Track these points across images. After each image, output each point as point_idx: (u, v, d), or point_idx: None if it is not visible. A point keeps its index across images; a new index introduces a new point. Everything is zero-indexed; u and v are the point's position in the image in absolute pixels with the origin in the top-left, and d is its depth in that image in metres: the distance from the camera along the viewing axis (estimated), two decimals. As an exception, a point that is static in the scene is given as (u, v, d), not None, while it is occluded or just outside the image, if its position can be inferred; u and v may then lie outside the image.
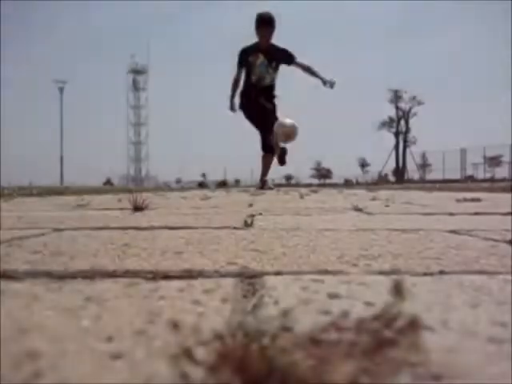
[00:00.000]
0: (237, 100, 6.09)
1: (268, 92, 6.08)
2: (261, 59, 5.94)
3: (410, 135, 38.46)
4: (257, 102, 5.87)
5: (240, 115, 6.14)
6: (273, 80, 6.09)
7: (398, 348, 0.31)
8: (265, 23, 5.89)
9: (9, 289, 0.54)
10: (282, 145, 5.95)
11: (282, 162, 6.18)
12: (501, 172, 30.77)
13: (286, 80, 6.25)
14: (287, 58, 6.07)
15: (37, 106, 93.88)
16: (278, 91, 6.23)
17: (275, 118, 5.91)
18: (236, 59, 6.02)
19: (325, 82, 6.01)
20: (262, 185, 6.18)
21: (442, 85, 79.43)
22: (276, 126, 5.64)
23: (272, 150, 5.98)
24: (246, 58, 5.96)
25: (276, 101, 6.18)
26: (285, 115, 5.94)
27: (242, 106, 6.09)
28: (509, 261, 0.71)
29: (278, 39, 6.08)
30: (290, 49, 6.07)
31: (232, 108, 6.07)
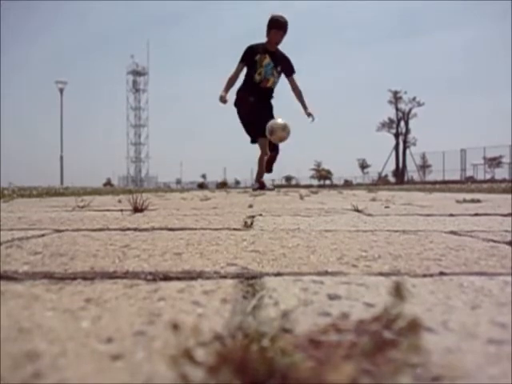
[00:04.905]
0: (229, 95, 5.80)
1: (268, 94, 5.94)
2: (268, 60, 5.77)
3: (410, 136, 38.44)
4: (255, 104, 5.68)
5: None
6: (274, 84, 5.92)
7: (398, 349, 0.31)
8: (280, 28, 5.71)
9: (9, 289, 0.54)
10: (269, 153, 5.75)
11: (269, 169, 5.99)
12: (501, 173, 30.79)
13: (286, 81, 6.14)
14: (289, 68, 5.97)
15: (37, 107, 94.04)
16: (277, 91, 6.12)
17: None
18: (240, 56, 5.80)
19: (308, 114, 5.96)
20: (261, 186, 5.89)
21: (442, 85, 79.55)
22: (268, 126, 5.48)
23: (264, 133, 5.68)
24: (251, 56, 5.76)
25: (273, 101, 6.03)
26: (277, 115, 5.79)
27: (239, 104, 5.84)
28: (509, 262, 0.71)
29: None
30: (291, 54, 5.96)
31: (223, 100, 5.69)
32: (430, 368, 0.31)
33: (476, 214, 1.72)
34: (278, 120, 5.56)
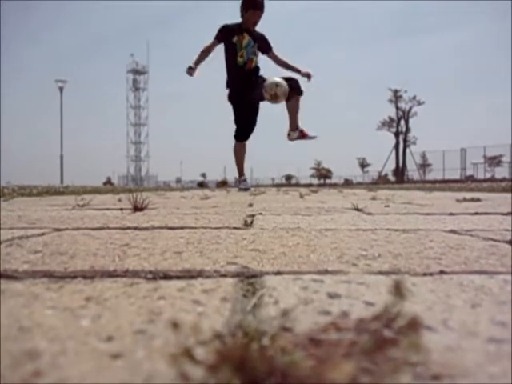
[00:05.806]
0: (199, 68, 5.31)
1: (255, 76, 5.43)
2: (247, 39, 5.35)
3: (410, 135, 38.40)
4: (248, 99, 5.31)
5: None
6: (257, 63, 5.44)
7: (398, 348, 0.31)
8: (257, 7, 5.20)
9: (9, 288, 0.54)
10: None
11: (294, 126, 5.40)
12: (501, 172, 30.80)
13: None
14: (266, 45, 5.52)
15: (37, 106, 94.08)
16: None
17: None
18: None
19: (304, 74, 5.45)
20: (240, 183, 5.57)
21: (442, 85, 79.52)
22: (265, 85, 5.03)
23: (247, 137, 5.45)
24: (227, 35, 5.30)
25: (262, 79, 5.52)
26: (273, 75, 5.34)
27: (232, 99, 5.46)
28: (509, 261, 0.71)
29: (280, 37, 5.76)
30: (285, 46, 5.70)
31: (190, 72, 5.23)
32: (430, 366, 0.31)
33: (476, 213, 1.72)
34: (275, 79, 5.08)
